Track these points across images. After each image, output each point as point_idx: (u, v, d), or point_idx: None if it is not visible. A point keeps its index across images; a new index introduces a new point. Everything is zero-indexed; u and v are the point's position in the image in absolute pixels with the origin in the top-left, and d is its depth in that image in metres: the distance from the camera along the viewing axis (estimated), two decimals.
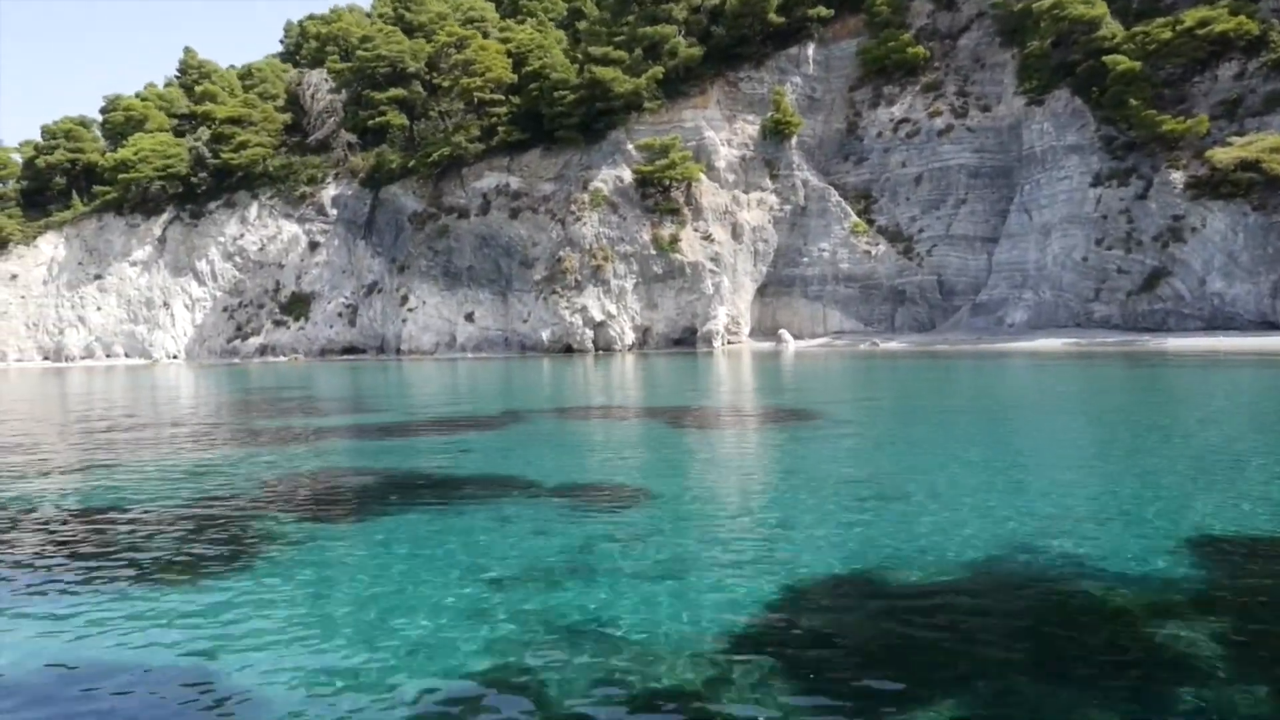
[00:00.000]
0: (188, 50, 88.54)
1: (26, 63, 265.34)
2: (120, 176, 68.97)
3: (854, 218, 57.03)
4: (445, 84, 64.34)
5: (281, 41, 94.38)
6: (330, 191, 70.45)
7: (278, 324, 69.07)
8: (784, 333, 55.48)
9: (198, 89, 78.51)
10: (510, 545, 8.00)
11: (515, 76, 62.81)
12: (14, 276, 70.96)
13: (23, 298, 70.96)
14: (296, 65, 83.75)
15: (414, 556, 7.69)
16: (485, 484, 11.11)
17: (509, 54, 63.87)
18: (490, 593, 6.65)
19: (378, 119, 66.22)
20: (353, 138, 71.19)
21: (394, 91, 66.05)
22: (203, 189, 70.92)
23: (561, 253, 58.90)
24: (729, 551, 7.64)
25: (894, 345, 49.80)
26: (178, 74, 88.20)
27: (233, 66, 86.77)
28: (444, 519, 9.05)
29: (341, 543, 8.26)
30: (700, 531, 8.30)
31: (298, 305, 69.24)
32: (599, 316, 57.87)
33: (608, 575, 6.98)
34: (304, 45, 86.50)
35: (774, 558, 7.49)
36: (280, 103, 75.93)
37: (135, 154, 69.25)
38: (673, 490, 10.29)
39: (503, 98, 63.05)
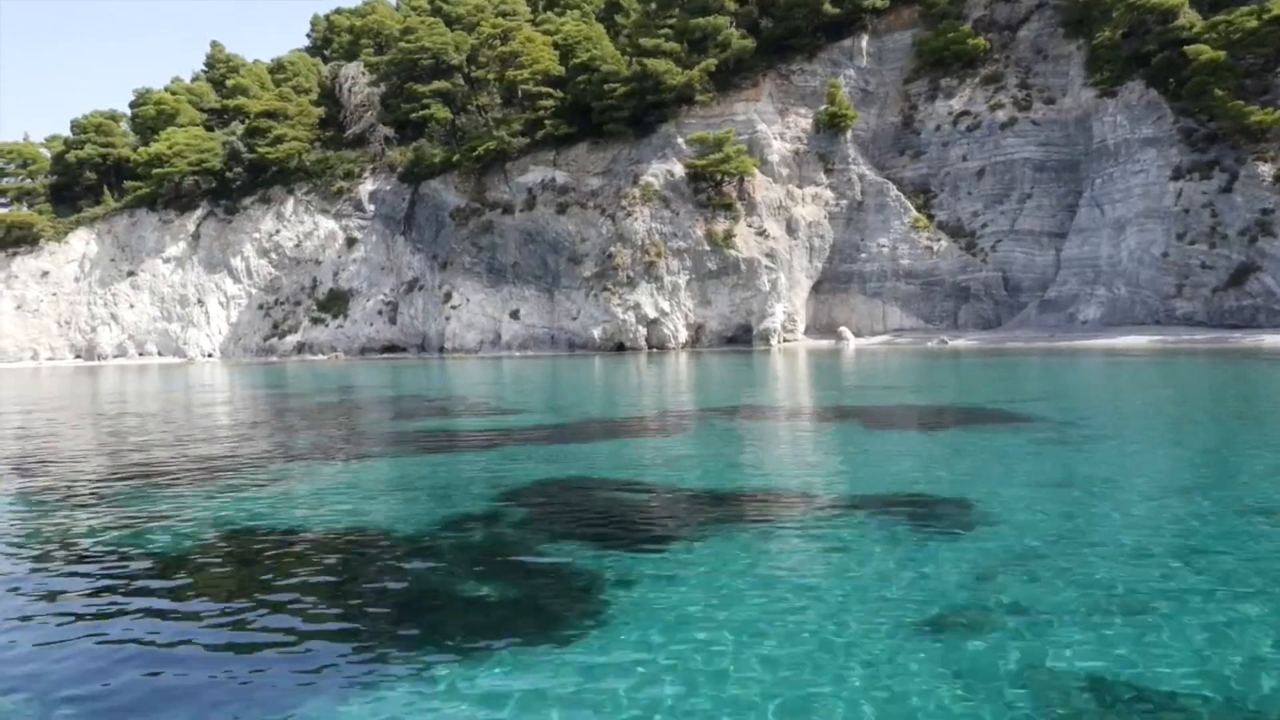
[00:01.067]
0: (215, 44, 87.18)
1: (43, 61, 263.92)
2: (154, 171, 67.54)
3: (914, 213, 55.72)
4: (490, 76, 62.95)
5: (308, 35, 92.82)
6: (368, 187, 69.06)
7: (315, 322, 67.68)
8: (844, 330, 54.14)
9: (229, 83, 77.09)
10: (881, 577, 6.59)
11: (563, 69, 61.41)
12: (45, 273, 69.53)
13: (54, 295, 69.54)
14: (326, 59, 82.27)
15: (785, 598, 6.18)
16: (763, 499, 9.80)
17: (554, 46, 62.49)
18: (922, 640, 5.32)
19: (420, 112, 64.82)
20: (389, 131, 69.81)
21: (437, 84, 64.68)
22: (237, 184, 69.50)
23: (612, 248, 57.55)
24: (1185, 582, 6.33)
25: (963, 343, 48.49)
26: (205, 68, 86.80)
27: (258, 61, 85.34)
28: (767, 544, 7.65)
29: (678, 581, 6.63)
30: (1113, 561, 6.92)
31: (336, 303, 67.87)
32: (652, 314, 56.53)
33: (1049, 613, 5.71)
34: (334, 39, 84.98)
35: (1263, 588, 6.17)
36: (313, 97, 74.47)
37: (169, 148, 67.81)
38: (997, 505, 8.94)
39: (550, 90, 61.62)
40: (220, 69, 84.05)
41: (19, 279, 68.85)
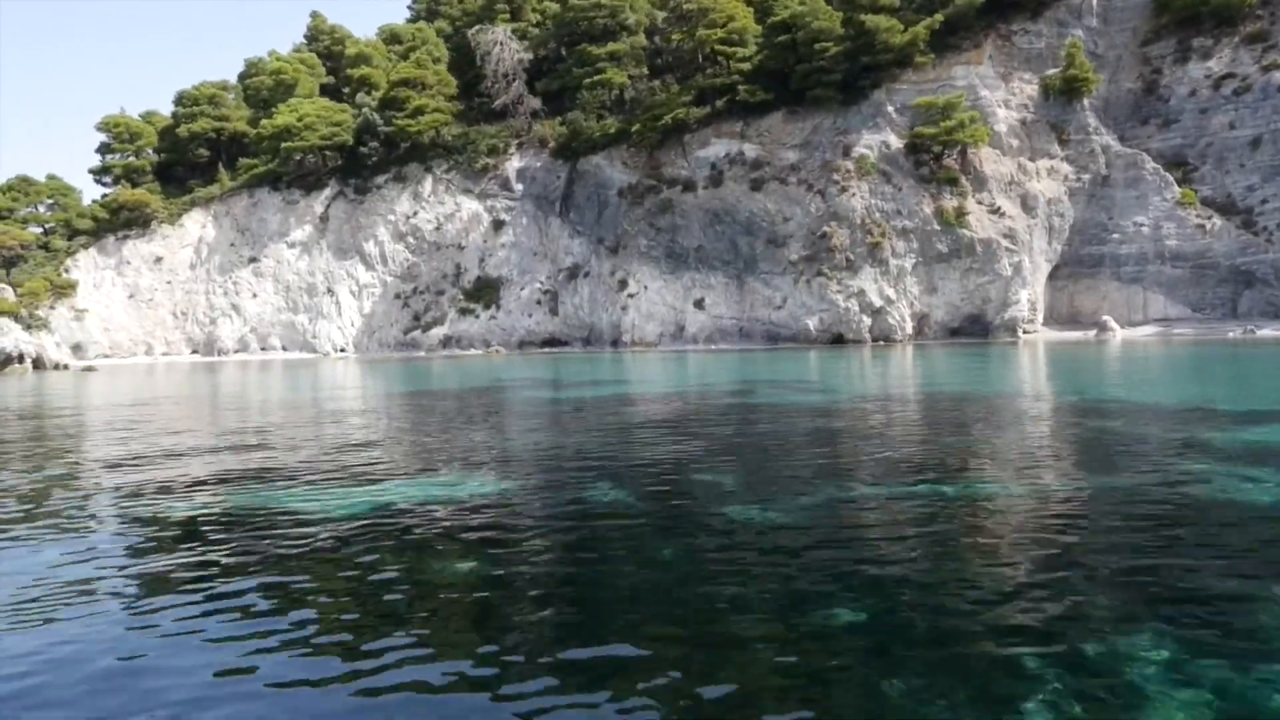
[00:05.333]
0: (315, 15, 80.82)
1: (121, 36, 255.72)
2: (283, 146, 60.81)
3: (1177, 188, 49.21)
4: (677, 37, 56.36)
5: (410, 7, 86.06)
6: (515, 164, 62.49)
7: (464, 313, 60.96)
8: (1109, 320, 47.52)
9: (349, 51, 70.54)
10: None
11: (759, 27, 54.87)
12: (158, 259, 62.81)
13: (169, 283, 62.80)
14: (438, 32, 75.41)
15: None
16: None
17: (747, 2, 55.97)
18: None
19: (595, 77, 58.09)
20: (538, 103, 63.22)
21: (613, 46, 58.02)
22: (372, 160, 62.79)
23: (826, 228, 50.97)
24: None
25: (1269, 333, 41.90)
26: (306, 39, 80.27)
27: (350, 36, 78.50)
28: None
29: None
30: None
31: (485, 292, 61.17)
32: (877, 302, 49.98)
33: None
34: (442, 8, 78.06)
35: None
36: (442, 66, 67.78)
37: (299, 120, 61.11)
38: None
39: (741, 51, 55.04)
40: (324, 40, 77.58)
41: (130, 265, 62.18)
